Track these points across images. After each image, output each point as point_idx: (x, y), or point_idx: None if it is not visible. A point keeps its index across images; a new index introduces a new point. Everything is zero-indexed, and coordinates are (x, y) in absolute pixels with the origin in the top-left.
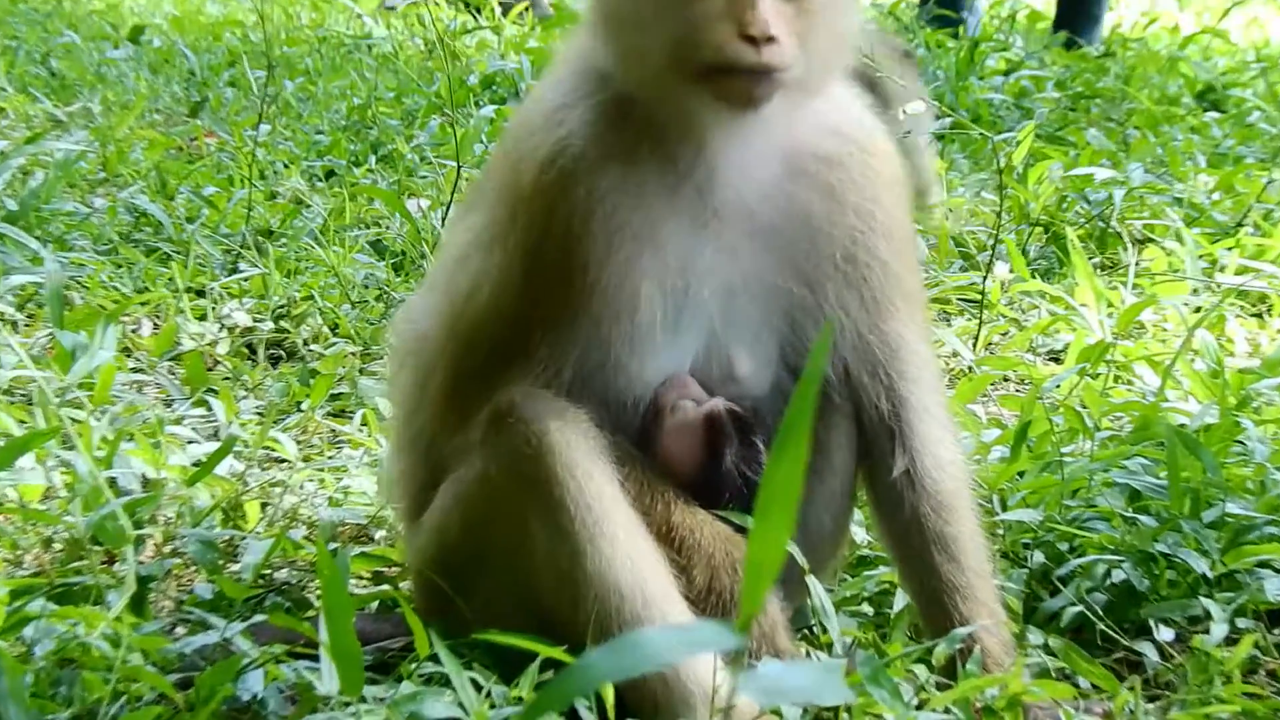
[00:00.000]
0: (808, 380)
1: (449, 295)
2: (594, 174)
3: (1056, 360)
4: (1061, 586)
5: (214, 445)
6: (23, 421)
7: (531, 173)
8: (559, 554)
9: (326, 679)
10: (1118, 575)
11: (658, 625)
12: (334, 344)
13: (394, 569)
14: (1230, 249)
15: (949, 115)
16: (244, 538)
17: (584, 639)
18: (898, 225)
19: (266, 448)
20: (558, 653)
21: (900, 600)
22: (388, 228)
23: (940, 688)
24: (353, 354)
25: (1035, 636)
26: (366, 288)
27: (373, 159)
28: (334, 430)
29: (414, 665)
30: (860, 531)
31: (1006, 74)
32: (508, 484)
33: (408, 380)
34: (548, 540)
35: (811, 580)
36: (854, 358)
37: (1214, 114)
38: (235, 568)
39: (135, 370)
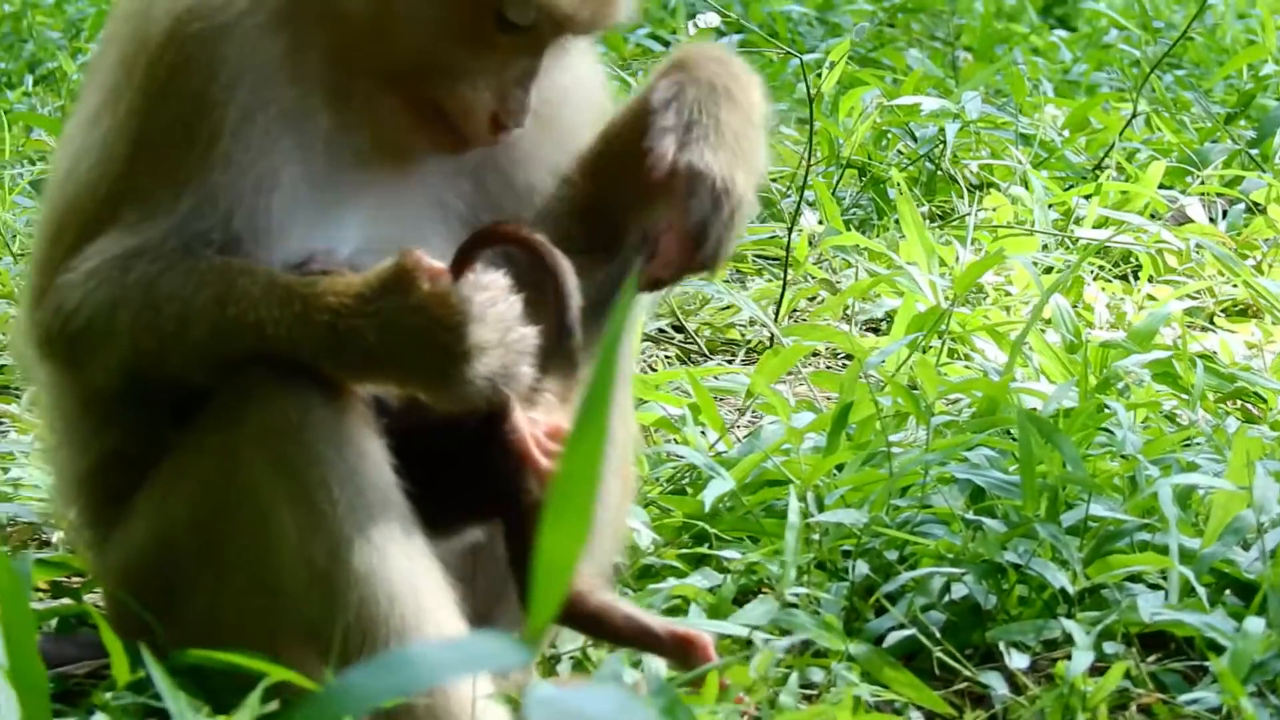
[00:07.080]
0: (612, 336)
1: (47, 193)
2: (249, 40)
3: (876, 331)
4: (890, 605)
5: None
6: None
7: (165, 22)
8: (313, 548)
9: (4, 711)
10: (958, 590)
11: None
12: None
13: (76, 579)
14: (1088, 197)
15: (739, 31)
16: None
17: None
18: None
19: None
20: (294, 676)
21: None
22: None
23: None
24: (17, 318)
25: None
26: (32, 236)
27: (29, 80)
28: None
29: (109, 695)
30: (646, 534)
31: None
32: (252, 465)
33: None
34: (299, 532)
35: None
36: None
37: (1062, 32)
38: None
39: None
